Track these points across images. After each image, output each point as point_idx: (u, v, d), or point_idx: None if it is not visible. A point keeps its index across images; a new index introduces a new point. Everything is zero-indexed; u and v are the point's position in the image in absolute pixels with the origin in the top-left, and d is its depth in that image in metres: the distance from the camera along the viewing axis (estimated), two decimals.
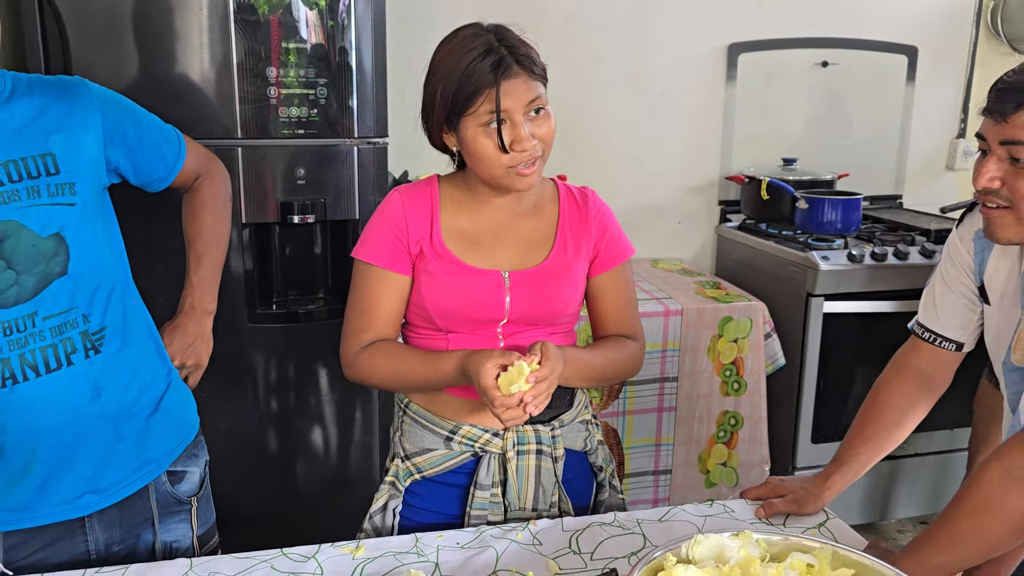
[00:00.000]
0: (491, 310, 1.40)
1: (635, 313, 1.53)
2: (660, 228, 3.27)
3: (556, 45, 2.99)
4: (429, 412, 1.46)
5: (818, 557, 1.03)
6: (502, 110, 1.28)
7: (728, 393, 2.76)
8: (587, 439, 1.53)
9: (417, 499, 1.47)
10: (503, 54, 1.28)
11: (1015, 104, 1.16)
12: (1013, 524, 1.04)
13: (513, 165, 1.31)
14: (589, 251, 1.47)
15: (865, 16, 3.25)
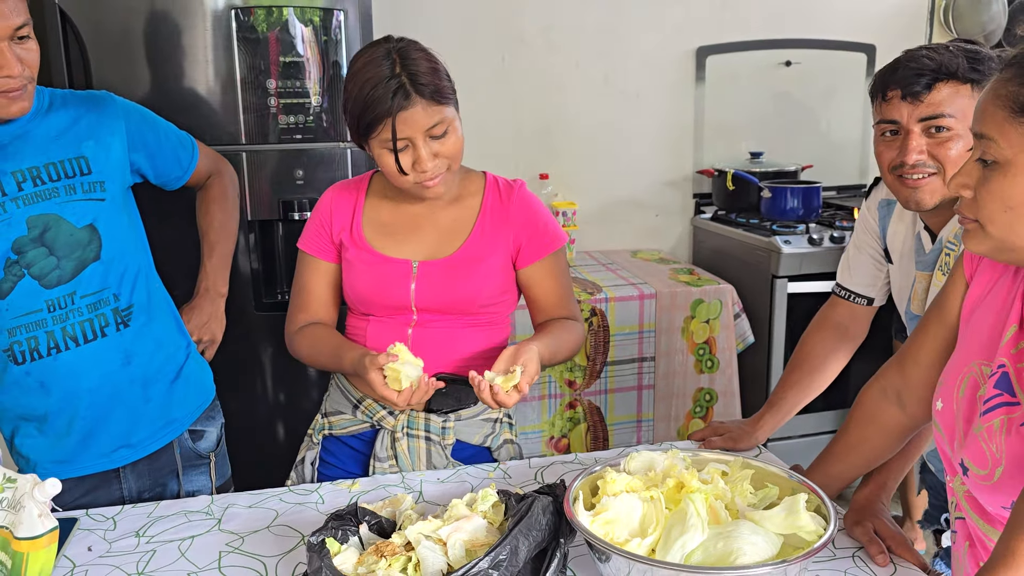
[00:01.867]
0: (398, 297, 1.50)
1: (570, 297, 1.59)
2: (639, 221, 3.49)
3: (536, 53, 3.23)
4: (345, 379, 1.60)
5: (730, 466, 1.24)
6: (401, 137, 1.36)
7: (702, 371, 2.97)
8: (489, 436, 1.59)
9: (330, 455, 1.61)
10: (402, 82, 1.34)
11: (928, 82, 1.31)
12: (890, 433, 1.25)
13: (418, 182, 1.41)
14: (509, 242, 1.52)
15: (825, 17, 3.48)
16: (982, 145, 0.92)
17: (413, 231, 1.53)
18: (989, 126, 0.91)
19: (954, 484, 1.06)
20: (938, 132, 1.34)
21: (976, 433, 0.97)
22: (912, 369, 1.19)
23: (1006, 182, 0.90)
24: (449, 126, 1.40)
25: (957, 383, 1.05)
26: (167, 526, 1.35)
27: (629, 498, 1.14)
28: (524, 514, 1.11)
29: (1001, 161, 0.90)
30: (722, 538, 1.04)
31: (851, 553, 1.23)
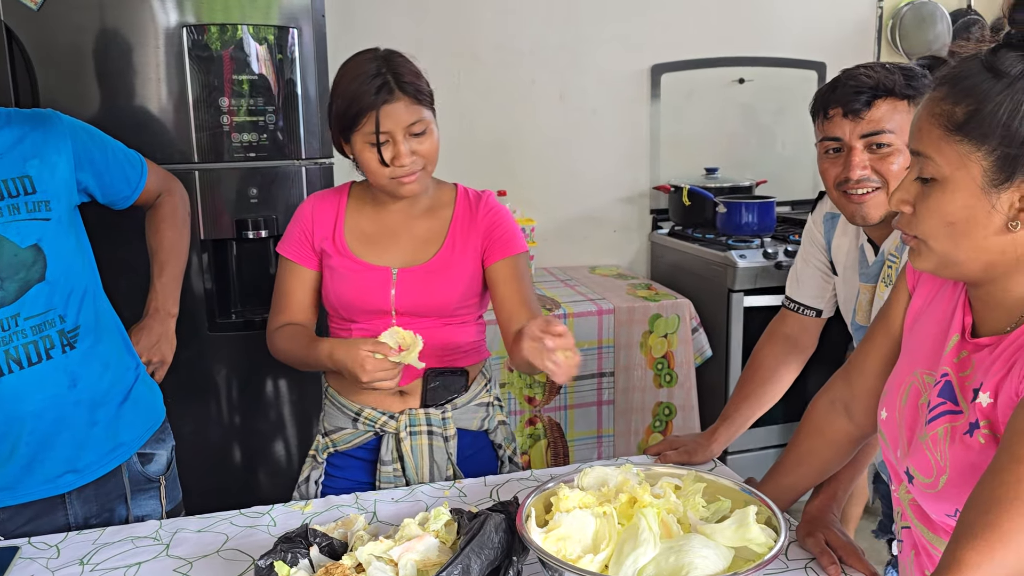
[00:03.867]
0: (379, 302, 1.58)
1: (536, 302, 1.64)
2: (597, 237, 3.51)
3: (491, 70, 3.25)
4: (340, 395, 1.66)
5: (683, 480, 1.24)
6: (383, 131, 1.45)
7: (661, 385, 2.99)
8: (485, 419, 1.68)
9: (336, 470, 1.67)
10: (387, 80, 1.45)
11: (867, 99, 1.35)
12: (838, 444, 1.27)
13: (395, 176, 1.49)
14: (478, 246, 1.61)
15: (776, 35, 3.54)
16: (919, 162, 0.94)
17: (392, 240, 1.61)
18: (925, 144, 0.93)
19: (899, 493, 1.08)
20: (879, 148, 1.38)
21: (921, 442, 0.99)
22: (858, 380, 1.21)
23: (945, 199, 0.91)
24: (428, 127, 1.50)
25: (900, 392, 1.06)
26: (113, 553, 1.32)
27: (582, 514, 1.13)
28: (476, 532, 1.10)
29: (939, 178, 0.92)
30: (674, 552, 1.05)
31: (803, 564, 1.24)
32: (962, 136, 0.89)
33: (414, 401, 1.62)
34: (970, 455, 0.92)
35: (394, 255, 1.60)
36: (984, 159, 0.88)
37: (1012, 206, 0.89)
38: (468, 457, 1.67)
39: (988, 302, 0.97)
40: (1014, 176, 0.87)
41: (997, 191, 0.88)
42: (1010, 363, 0.89)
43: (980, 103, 0.88)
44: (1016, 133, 0.86)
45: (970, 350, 0.97)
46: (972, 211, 0.90)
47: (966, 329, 0.99)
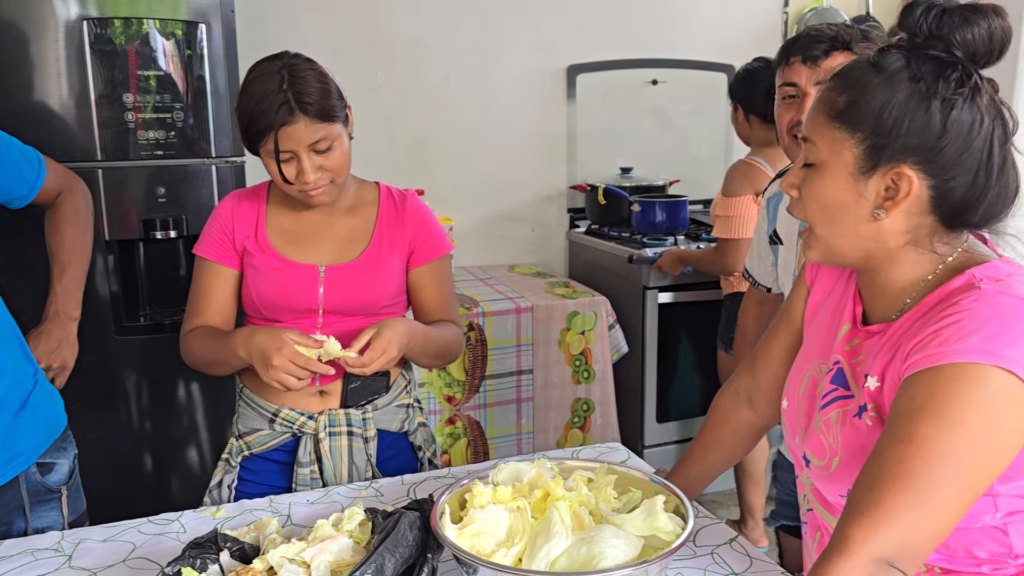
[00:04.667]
0: (306, 300, 1.57)
1: (454, 304, 1.70)
2: (516, 236, 3.53)
3: (409, 69, 3.23)
4: (256, 395, 1.63)
5: (596, 472, 1.27)
6: (285, 150, 1.44)
7: (579, 381, 3.03)
8: (405, 421, 1.68)
9: (250, 473, 1.64)
10: (287, 98, 1.41)
11: (825, 49, 1.46)
12: (742, 433, 1.32)
13: (302, 191, 1.49)
14: (405, 247, 1.62)
15: (687, 38, 3.63)
16: (807, 148, 0.99)
17: (316, 238, 1.60)
18: (810, 129, 0.99)
19: (802, 478, 1.12)
20: None
21: (816, 427, 1.04)
22: (762, 372, 1.26)
23: (822, 183, 0.97)
24: (334, 142, 1.47)
25: (799, 382, 1.11)
26: (10, 567, 1.26)
27: (496, 509, 1.14)
28: (390, 531, 1.10)
29: (818, 163, 0.98)
30: (585, 543, 1.06)
31: (710, 551, 1.27)
32: (840, 123, 0.95)
33: (334, 401, 1.60)
34: (859, 437, 0.97)
35: (320, 253, 1.59)
36: (856, 147, 0.94)
37: (878, 195, 0.94)
38: (387, 459, 1.66)
39: (875, 291, 1.02)
40: (879, 165, 0.93)
41: (865, 178, 0.94)
42: (894, 348, 0.94)
43: (859, 94, 0.94)
44: (884, 123, 0.92)
45: (862, 337, 1.02)
46: (844, 196, 0.95)
47: (857, 318, 1.04)
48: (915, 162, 0.91)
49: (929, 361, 0.86)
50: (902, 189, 0.92)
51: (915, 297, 0.97)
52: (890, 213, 0.94)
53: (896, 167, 0.92)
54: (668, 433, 3.18)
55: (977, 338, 0.84)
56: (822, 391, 1.05)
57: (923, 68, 0.91)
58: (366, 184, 1.67)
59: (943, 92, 0.89)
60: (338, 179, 1.52)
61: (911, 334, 0.92)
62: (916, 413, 0.85)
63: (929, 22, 0.91)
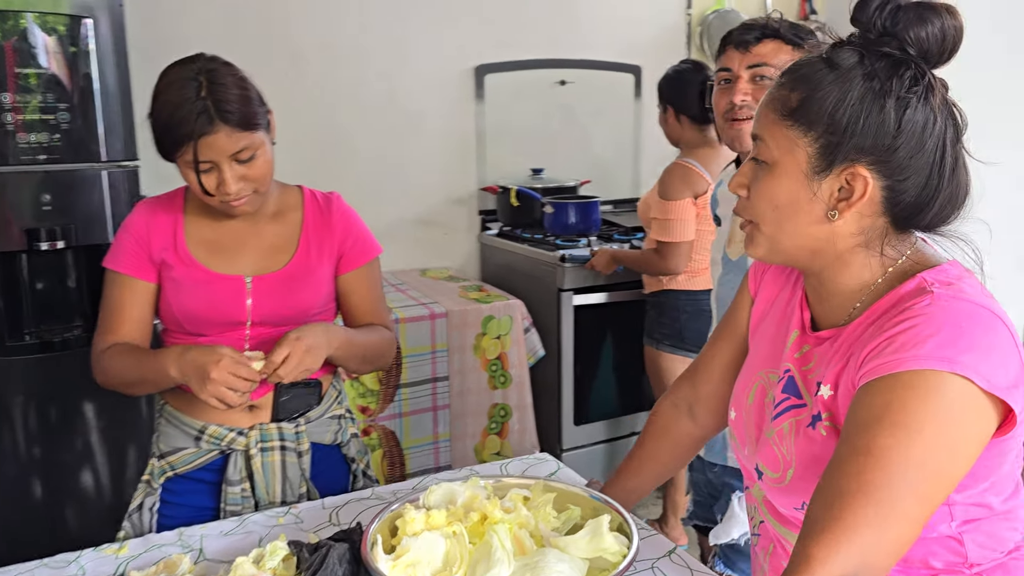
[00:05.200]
0: (234, 313, 1.49)
1: (384, 307, 1.67)
2: (427, 239, 3.46)
3: (316, 70, 3.12)
4: (180, 412, 1.53)
5: (532, 490, 1.22)
6: (205, 160, 1.36)
7: (496, 386, 2.98)
8: (338, 432, 1.62)
9: (173, 496, 1.54)
10: (206, 107, 1.33)
11: (756, 36, 1.55)
12: (682, 445, 1.30)
13: (224, 201, 1.42)
14: (334, 252, 1.57)
15: (595, 39, 3.63)
16: (757, 146, 0.97)
17: (240, 247, 1.52)
18: (761, 127, 0.96)
19: (753, 490, 1.10)
20: (762, 80, 1.56)
21: (768, 438, 1.01)
22: (702, 382, 1.24)
23: (773, 182, 0.94)
24: (257, 151, 1.40)
25: (747, 392, 1.09)
26: None
27: (431, 536, 1.08)
28: (318, 567, 1.02)
29: (770, 161, 0.95)
30: (529, 569, 1.02)
31: (650, 565, 1.24)
32: (792, 121, 0.92)
33: (264, 415, 1.53)
34: (813, 447, 0.95)
35: (245, 263, 1.52)
36: (809, 145, 0.92)
37: (832, 195, 0.92)
38: (320, 472, 1.59)
39: (822, 294, 1.00)
40: (834, 164, 0.91)
41: (819, 178, 0.92)
42: (847, 355, 0.93)
43: (812, 91, 0.91)
44: (839, 122, 0.89)
45: (811, 344, 1.01)
46: (796, 196, 0.93)
47: (806, 324, 1.03)
48: (869, 162, 0.90)
49: (885, 369, 0.84)
50: (857, 190, 0.91)
51: (865, 301, 0.95)
52: (844, 214, 0.92)
53: (851, 167, 0.90)
54: (586, 436, 3.17)
55: (932, 344, 0.83)
56: (773, 400, 1.03)
57: (877, 65, 0.89)
58: (289, 188, 1.60)
59: (897, 90, 0.88)
60: (261, 188, 1.45)
61: (864, 340, 0.90)
62: (873, 423, 0.83)
63: (883, 18, 0.89)
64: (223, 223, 1.52)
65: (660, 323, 2.78)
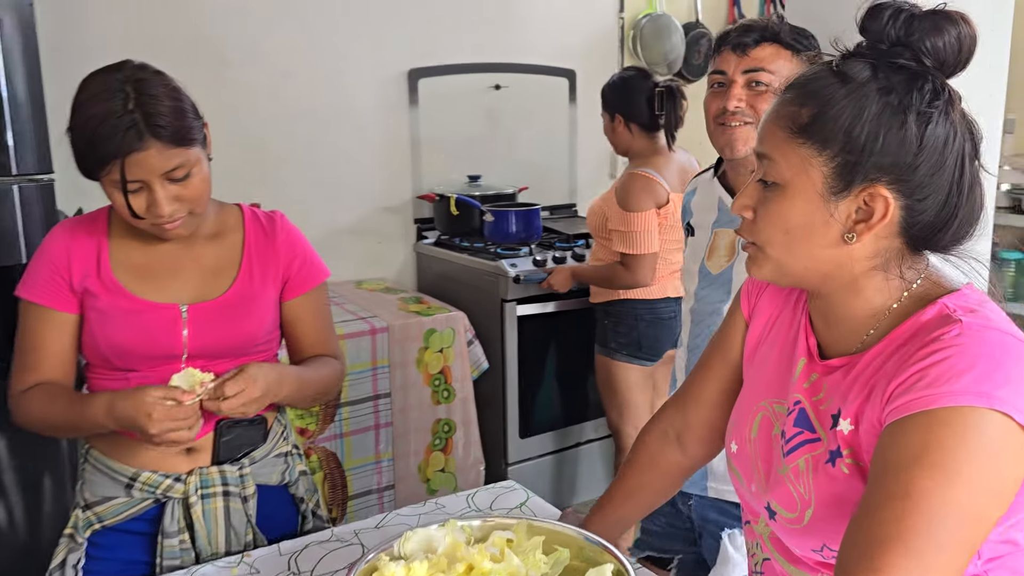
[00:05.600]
0: (168, 345, 1.35)
1: (333, 334, 1.54)
2: (361, 249, 3.33)
3: (241, 74, 2.95)
4: (109, 458, 1.39)
5: (515, 531, 1.13)
6: (135, 180, 1.22)
7: (439, 401, 2.88)
8: (286, 472, 1.50)
9: (101, 550, 1.39)
10: (135, 120, 1.20)
11: (755, 39, 1.47)
12: (670, 476, 1.22)
13: (155, 224, 1.28)
14: (278, 277, 1.45)
15: (528, 42, 3.56)
16: (763, 165, 0.90)
17: (174, 272, 1.38)
18: (769, 145, 0.89)
19: (757, 528, 1.04)
20: (757, 86, 1.49)
21: (782, 475, 0.95)
22: (693, 409, 1.17)
23: (784, 204, 0.88)
24: (192, 168, 1.27)
25: (748, 423, 1.03)
26: None
27: None
28: None
29: (780, 182, 0.88)
30: None
31: None
32: (805, 139, 0.86)
33: (204, 458, 1.39)
34: (835, 486, 0.89)
35: (181, 290, 1.37)
36: (825, 165, 0.85)
37: (849, 217, 0.87)
38: (267, 516, 1.46)
39: (830, 319, 0.95)
40: (852, 185, 0.85)
41: (836, 199, 0.86)
42: (868, 387, 0.87)
43: (824, 106, 0.85)
44: (856, 140, 0.84)
45: (820, 372, 0.95)
46: (810, 218, 0.87)
47: (812, 351, 0.97)
48: (889, 181, 0.84)
49: (917, 405, 0.79)
50: (877, 211, 0.85)
51: (880, 328, 0.90)
52: (862, 237, 0.86)
53: (870, 187, 0.85)
54: (532, 448, 3.10)
55: (969, 379, 0.78)
56: (783, 434, 0.96)
57: (893, 79, 0.84)
58: (227, 207, 1.46)
59: (917, 104, 0.83)
60: (197, 209, 1.32)
61: (887, 372, 0.85)
62: (909, 464, 0.77)
63: (897, 28, 0.84)
64: (154, 246, 1.38)
65: (617, 332, 2.73)
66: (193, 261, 1.39)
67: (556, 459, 3.18)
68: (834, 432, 0.90)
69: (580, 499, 3.29)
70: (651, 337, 2.67)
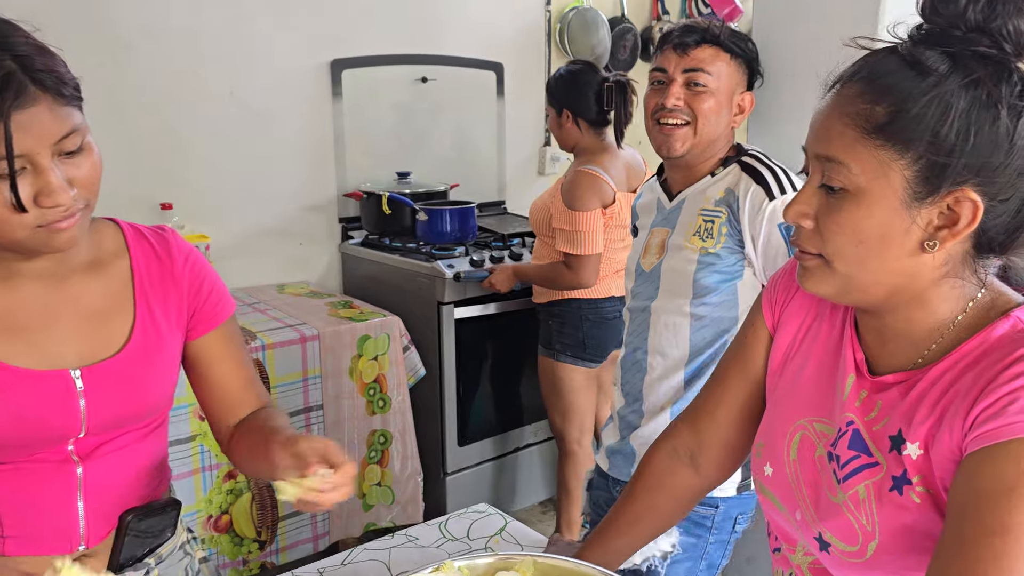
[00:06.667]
0: (59, 427, 1.02)
1: (257, 377, 1.23)
2: (282, 252, 3.13)
3: (146, 62, 2.71)
4: None
5: (521, 571, 1.01)
6: (20, 155, 0.88)
7: (375, 412, 2.73)
8: (188, 565, 1.21)
9: None
10: (11, 69, 0.87)
11: (696, 40, 1.51)
12: (682, 499, 1.12)
13: (44, 223, 0.93)
14: (182, 311, 1.13)
15: (455, 34, 3.43)
16: (828, 169, 0.80)
17: (51, 325, 1.03)
18: (837, 147, 0.79)
19: (794, 557, 0.95)
20: (696, 86, 1.52)
21: (838, 503, 0.86)
22: (708, 427, 1.07)
23: (860, 213, 0.79)
24: (84, 139, 0.94)
25: (786, 445, 0.93)
26: None
27: None
28: None
29: (852, 189, 0.79)
30: None
31: None
32: (883, 140, 0.76)
33: (99, 564, 1.09)
34: (904, 516, 0.80)
35: (66, 348, 1.03)
36: (907, 168, 0.76)
37: (930, 223, 0.78)
38: None
39: (886, 333, 0.86)
40: (940, 189, 0.76)
41: (918, 206, 0.77)
42: (939, 409, 0.79)
43: (904, 103, 0.75)
44: (945, 139, 0.75)
45: (870, 390, 0.86)
46: (888, 228, 0.78)
47: (861, 367, 0.88)
48: (977, 183, 0.76)
49: (1010, 432, 0.71)
50: (963, 215, 0.76)
51: (943, 343, 0.82)
52: (945, 244, 0.78)
53: (958, 190, 0.76)
54: (471, 456, 2.98)
55: None
56: (837, 458, 0.87)
57: (978, 70, 0.75)
58: (98, 223, 1.11)
59: (1008, 98, 0.74)
60: (93, 200, 0.98)
61: (963, 393, 0.76)
62: (1005, 496, 0.69)
63: (978, 11, 0.75)
64: (17, 290, 1.01)
65: (562, 333, 2.64)
66: (72, 305, 1.04)
67: (496, 466, 3.07)
68: (895, 456, 0.81)
69: (521, 505, 3.19)
70: (596, 338, 2.60)
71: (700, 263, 1.53)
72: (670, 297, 1.58)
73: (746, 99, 1.58)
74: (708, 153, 1.57)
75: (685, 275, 1.55)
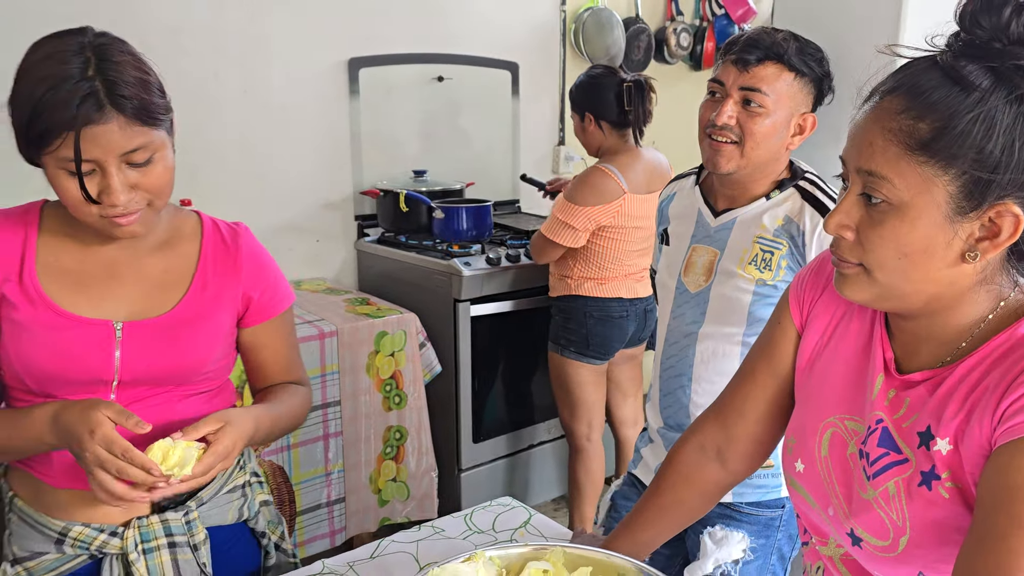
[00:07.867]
0: (95, 369, 1.16)
1: (299, 360, 1.40)
2: (299, 248, 3.15)
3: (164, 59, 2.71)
4: (35, 510, 1.22)
5: (552, 561, 1.04)
6: (88, 159, 1.04)
7: (391, 408, 2.75)
8: (244, 506, 1.34)
9: None
10: (95, 89, 1.03)
11: (758, 57, 1.43)
12: (708, 493, 1.15)
13: (106, 216, 1.10)
14: (237, 300, 1.28)
15: (471, 33, 3.45)
16: (871, 183, 0.81)
17: (112, 283, 1.19)
18: (880, 163, 0.80)
19: (825, 550, 0.97)
20: (750, 105, 1.45)
21: (868, 499, 0.88)
22: (736, 423, 1.09)
23: (903, 227, 0.80)
24: (156, 153, 1.10)
25: (817, 441, 0.95)
26: None
27: None
28: None
29: (896, 203, 0.80)
30: None
31: None
32: (927, 156, 0.78)
33: (142, 506, 1.23)
34: (933, 511, 0.82)
35: (117, 304, 1.19)
36: (951, 183, 0.78)
37: (971, 236, 0.80)
38: (224, 560, 1.31)
39: (918, 334, 0.88)
40: (983, 203, 0.78)
41: (961, 219, 0.79)
42: (968, 404, 0.80)
43: (949, 119, 0.77)
44: (990, 155, 0.76)
45: (898, 387, 0.88)
46: (932, 241, 0.80)
47: (889, 365, 0.90)
48: (1019, 196, 0.77)
49: None
50: (1005, 228, 0.78)
51: (971, 341, 0.84)
52: (986, 255, 0.79)
53: (1001, 203, 0.77)
54: (485, 453, 3.00)
55: None
56: (867, 455, 0.89)
57: (1022, 85, 0.75)
58: (183, 212, 1.29)
59: None
60: (158, 203, 1.14)
61: (991, 389, 0.78)
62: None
63: (1021, 25, 0.76)
64: (91, 250, 1.19)
65: (567, 328, 2.67)
66: (135, 271, 1.21)
67: (510, 463, 3.09)
68: (924, 452, 0.83)
69: (534, 502, 3.21)
70: (599, 335, 2.63)
71: (756, 294, 1.46)
72: (720, 325, 1.51)
73: (807, 120, 1.49)
74: (760, 173, 1.49)
75: (739, 304, 1.48)
